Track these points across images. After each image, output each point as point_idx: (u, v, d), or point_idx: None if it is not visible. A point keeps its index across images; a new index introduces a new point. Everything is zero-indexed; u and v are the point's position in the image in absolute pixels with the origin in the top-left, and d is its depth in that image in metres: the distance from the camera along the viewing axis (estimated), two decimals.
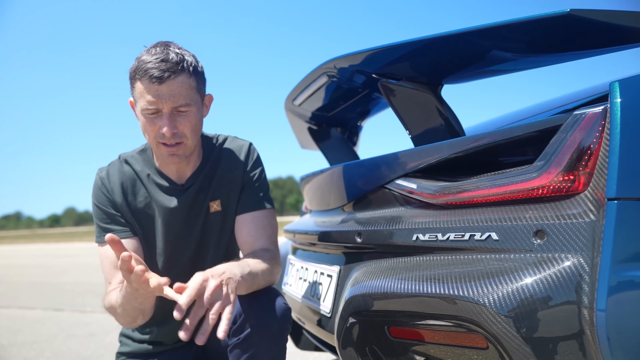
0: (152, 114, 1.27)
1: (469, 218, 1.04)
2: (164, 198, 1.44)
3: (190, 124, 1.31)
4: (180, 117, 1.30)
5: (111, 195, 1.42)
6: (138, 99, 1.28)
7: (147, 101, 1.25)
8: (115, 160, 1.49)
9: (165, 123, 1.27)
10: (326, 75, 1.61)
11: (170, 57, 1.25)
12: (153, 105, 1.25)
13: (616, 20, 1.00)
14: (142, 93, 1.26)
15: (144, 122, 1.29)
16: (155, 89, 1.24)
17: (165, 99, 1.25)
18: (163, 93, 1.25)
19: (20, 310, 5.18)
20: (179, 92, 1.27)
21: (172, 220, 1.44)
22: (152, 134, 1.30)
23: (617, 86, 0.88)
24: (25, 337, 3.86)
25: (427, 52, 1.28)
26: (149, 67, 1.24)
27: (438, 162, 1.19)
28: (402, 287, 1.06)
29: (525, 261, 0.91)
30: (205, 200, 1.47)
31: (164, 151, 1.33)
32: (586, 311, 0.82)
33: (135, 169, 1.46)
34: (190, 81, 1.30)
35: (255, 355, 1.23)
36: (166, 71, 1.24)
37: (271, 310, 1.25)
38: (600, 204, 0.85)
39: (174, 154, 1.33)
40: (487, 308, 0.89)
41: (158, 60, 1.24)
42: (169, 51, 1.27)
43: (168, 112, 1.27)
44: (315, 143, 2.20)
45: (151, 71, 1.23)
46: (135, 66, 1.27)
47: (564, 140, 0.92)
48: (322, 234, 1.53)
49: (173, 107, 1.27)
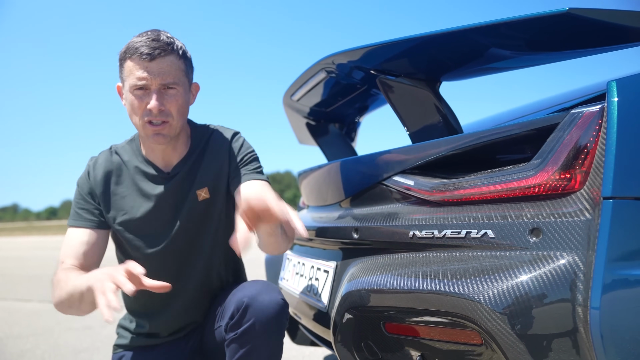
0: (140, 89, 1.31)
1: (466, 215, 1.05)
2: (149, 186, 1.45)
3: (177, 103, 1.35)
4: (167, 96, 1.33)
5: (93, 183, 1.45)
6: (127, 77, 1.32)
7: (136, 77, 1.30)
8: (105, 150, 1.52)
9: (154, 98, 1.30)
10: (325, 71, 1.61)
11: (161, 38, 1.32)
12: (142, 81, 1.30)
13: (614, 20, 1.01)
14: (131, 70, 1.31)
15: (132, 101, 1.33)
16: (145, 65, 1.29)
17: (155, 75, 1.30)
18: (153, 69, 1.30)
19: (17, 303, 5.19)
20: (168, 71, 1.32)
21: (157, 208, 1.44)
22: (139, 112, 1.33)
23: (615, 85, 0.88)
24: (22, 329, 3.86)
25: (426, 49, 1.28)
26: (139, 45, 1.29)
27: (435, 159, 1.19)
28: (398, 283, 1.06)
29: (521, 259, 0.92)
30: (192, 189, 1.47)
31: (150, 130, 1.34)
32: (580, 309, 0.83)
33: (123, 158, 1.48)
34: (179, 63, 1.35)
35: (252, 351, 1.24)
36: (157, 49, 1.29)
37: (268, 305, 1.25)
38: (596, 203, 0.86)
39: (159, 132, 1.35)
40: (482, 305, 0.90)
41: (149, 40, 1.30)
42: (159, 33, 1.33)
43: (156, 89, 1.31)
44: (314, 138, 2.20)
45: (142, 48, 1.29)
46: (126, 47, 1.32)
47: (561, 138, 0.93)
48: (319, 229, 1.54)
49: (161, 84, 1.31)
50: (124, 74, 1.34)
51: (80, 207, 1.43)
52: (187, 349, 1.53)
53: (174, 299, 1.49)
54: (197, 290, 1.51)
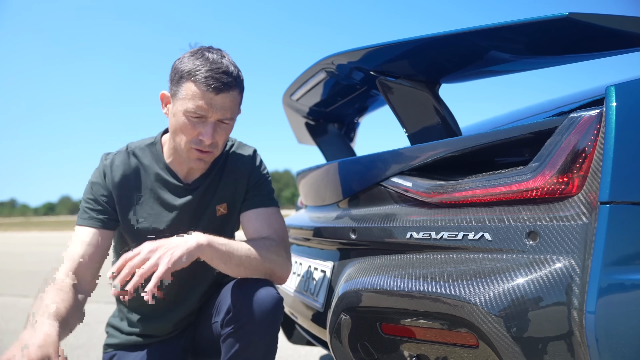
0: (196, 117, 1.28)
1: (463, 217, 1.05)
2: (169, 196, 1.44)
3: (226, 135, 1.35)
4: (220, 129, 1.32)
5: (110, 185, 1.41)
6: (185, 100, 1.27)
7: (197, 106, 1.26)
8: (122, 150, 1.48)
9: (209, 132, 1.29)
10: (324, 71, 1.61)
11: (230, 70, 1.28)
12: (202, 112, 1.27)
13: (614, 25, 1.01)
14: (193, 96, 1.26)
15: (184, 123, 1.29)
16: (209, 97, 1.26)
17: (217, 109, 1.28)
18: (216, 103, 1.27)
19: (14, 298, 5.17)
20: (229, 106, 1.30)
21: (175, 218, 1.44)
22: (188, 137, 1.31)
23: (613, 90, 0.89)
24: (18, 325, 3.85)
25: (426, 51, 1.28)
26: (209, 75, 1.25)
27: (434, 160, 1.19)
28: (395, 285, 1.07)
29: (517, 262, 0.92)
30: (211, 203, 1.48)
31: (195, 155, 1.34)
32: (576, 313, 0.83)
33: (143, 162, 1.45)
34: (239, 98, 1.34)
35: (248, 345, 1.24)
36: (225, 84, 1.26)
37: (263, 300, 1.26)
38: (593, 207, 0.86)
39: (202, 159, 1.35)
40: (478, 307, 0.90)
41: (220, 71, 1.26)
42: (228, 63, 1.29)
43: (213, 122, 1.30)
44: (313, 138, 2.20)
45: (211, 80, 1.25)
46: (191, 67, 1.26)
47: (559, 142, 0.93)
48: (317, 229, 1.54)
49: (219, 119, 1.30)
50: (180, 92, 1.28)
51: (90, 207, 1.40)
52: (179, 347, 1.53)
53: (174, 309, 1.50)
54: (198, 301, 1.52)
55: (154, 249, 1.14)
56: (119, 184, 1.42)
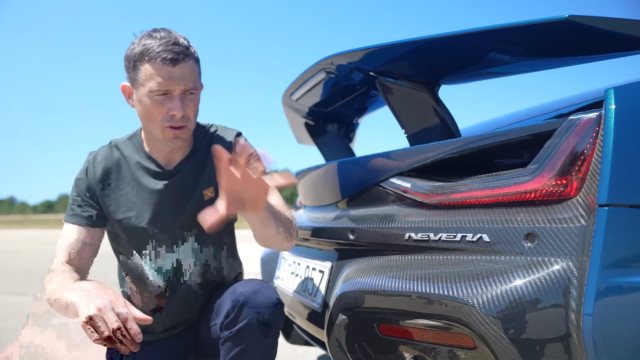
0: (161, 95, 1.29)
1: (462, 219, 1.05)
2: (150, 182, 1.44)
3: (195, 108, 1.35)
4: (187, 101, 1.32)
5: (92, 179, 1.43)
6: (145, 81, 1.28)
7: (158, 82, 1.27)
8: (105, 145, 1.50)
9: (177, 105, 1.29)
10: (324, 71, 1.62)
11: (180, 42, 1.29)
12: (165, 87, 1.27)
13: (614, 28, 1.01)
14: (152, 75, 1.27)
15: (149, 105, 1.30)
16: (168, 71, 1.26)
17: (178, 80, 1.28)
18: (176, 75, 1.27)
19: (12, 296, 5.17)
20: (189, 76, 1.30)
21: (157, 203, 1.43)
22: (158, 117, 1.31)
23: (612, 93, 0.89)
24: (16, 323, 3.85)
25: (426, 52, 1.29)
26: (161, 49, 1.26)
27: (433, 162, 1.19)
28: (393, 286, 1.07)
29: (516, 264, 0.92)
30: (197, 187, 1.47)
31: (170, 134, 1.34)
32: (573, 315, 0.83)
33: (124, 154, 1.47)
34: (196, 67, 1.34)
35: (247, 350, 1.24)
36: (180, 54, 1.27)
37: (264, 305, 1.25)
38: (591, 210, 0.86)
39: (178, 136, 1.35)
40: (476, 309, 0.90)
41: (170, 43, 1.27)
42: (176, 36, 1.30)
43: (178, 94, 1.30)
44: (312, 138, 2.20)
45: (164, 53, 1.25)
46: (141, 49, 1.27)
47: (557, 144, 0.93)
48: (315, 229, 1.54)
49: (184, 90, 1.30)
50: (139, 77, 1.29)
51: (76, 204, 1.41)
52: (181, 346, 1.53)
53: (170, 297, 1.49)
54: (190, 290, 1.51)
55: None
56: (101, 178, 1.43)
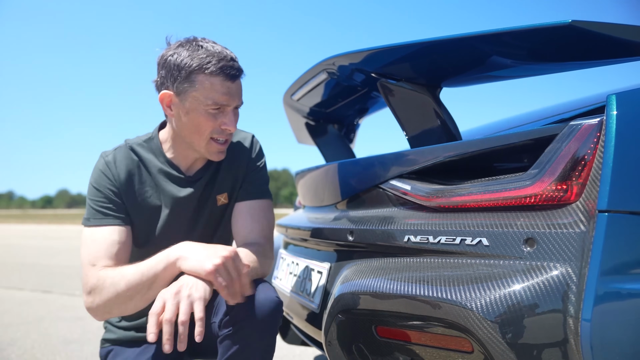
0: (216, 109, 1.30)
1: (461, 222, 1.05)
2: (172, 188, 1.43)
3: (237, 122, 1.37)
4: (235, 116, 1.35)
5: (116, 181, 1.38)
6: (201, 94, 1.27)
7: (216, 97, 1.27)
8: (121, 145, 1.46)
9: (231, 119, 1.32)
10: (326, 72, 1.61)
11: (235, 57, 1.32)
12: (223, 102, 1.29)
13: (617, 34, 1.01)
14: (211, 88, 1.27)
15: (204, 118, 1.30)
16: (227, 86, 1.28)
17: (234, 96, 1.31)
18: (233, 91, 1.30)
19: (8, 291, 5.17)
20: (241, 92, 1.34)
21: (179, 210, 1.43)
22: (208, 129, 1.32)
23: (614, 99, 0.89)
24: (13, 318, 3.85)
25: (428, 55, 1.28)
26: (223, 64, 1.26)
27: (433, 164, 1.19)
28: (391, 288, 1.07)
29: (514, 268, 0.92)
30: (212, 193, 1.48)
31: (215, 148, 1.36)
32: (571, 320, 0.83)
33: (142, 157, 1.44)
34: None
35: (245, 347, 1.24)
36: (238, 70, 1.30)
37: (262, 303, 1.25)
38: (591, 215, 0.86)
39: (222, 151, 1.38)
40: (474, 312, 0.90)
41: (229, 58, 1.29)
42: (228, 51, 1.32)
43: (232, 110, 1.33)
44: (312, 139, 2.20)
45: (227, 69, 1.27)
46: (200, 61, 1.26)
47: (558, 149, 0.93)
48: (315, 230, 1.54)
49: (237, 105, 1.34)
50: (192, 88, 1.27)
51: (102, 204, 1.35)
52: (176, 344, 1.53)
53: None
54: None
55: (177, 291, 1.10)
56: (125, 180, 1.39)
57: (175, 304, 1.07)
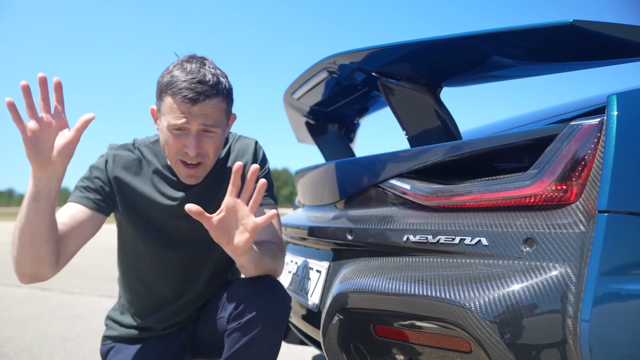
0: (178, 130, 1.27)
1: (460, 222, 1.04)
2: (168, 190, 1.44)
3: (214, 145, 1.32)
4: (205, 138, 1.30)
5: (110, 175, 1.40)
6: (165, 114, 1.27)
7: (175, 117, 1.25)
8: (129, 144, 1.48)
9: (192, 143, 1.27)
10: (326, 70, 1.61)
11: (207, 79, 1.25)
12: (182, 124, 1.26)
13: (618, 34, 1.01)
14: (171, 109, 1.25)
15: (168, 137, 1.29)
16: (186, 108, 1.24)
17: (195, 118, 1.26)
18: (194, 113, 1.25)
19: (7, 288, 5.17)
20: (209, 114, 1.27)
21: (174, 212, 1.43)
22: (173, 150, 1.30)
23: (615, 99, 0.88)
24: (11, 315, 3.85)
25: (428, 54, 1.28)
26: (184, 86, 1.23)
27: (433, 164, 1.19)
28: (390, 287, 1.06)
29: (514, 268, 0.92)
30: (216, 199, 1.46)
31: (183, 171, 1.33)
32: (570, 321, 0.83)
33: (145, 157, 1.46)
34: (222, 104, 1.31)
35: (254, 341, 1.24)
36: (201, 94, 1.24)
37: (274, 297, 1.26)
38: (591, 216, 0.86)
39: (192, 175, 1.34)
40: (473, 312, 0.90)
41: (195, 81, 1.24)
42: (205, 71, 1.27)
43: (195, 132, 1.28)
44: (312, 138, 2.20)
45: (185, 91, 1.23)
46: (168, 81, 1.26)
47: (559, 150, 0.93)
48: (314, 229, 1.54)
49: (201, 127, 1.28)
50: (162, 107, 1.28)
51: (86, 187, 1.37)
52: (177, 343, 1.53)
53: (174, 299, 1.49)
54: (198, 293, 1.52)
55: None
56: (120, 174, 1.41)
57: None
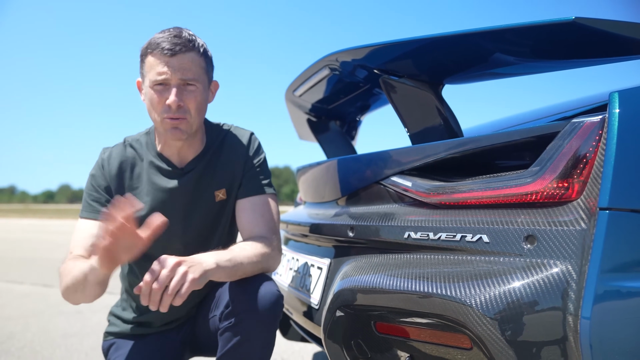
0: (160, 84, 1.31)
1: (462, 219, 1.04)
2: (162, 180, 1.44)
3: (196, 100, 1.35)
4: (186, 92, 1.34)
5: (107, 177, 1.43)
6: (147, 73, 1.32)
7: (156, 72, 1.30)
8: (119, 143, 1.51)
9: (173, 93, 1.31)
10: (328, 67, 1.61)
11: (182, 35, 1.32)
12: (162, 76, 1.30)
13: (620, 31, 1.00)
14: (152, 65, 1.31)
15: (151, 96, 1.33)
16: (165, 60, 1.30)
17: (175, 70, 1.30)
18: (173, 64, 1.30)
19: (9, 284, 5.18)
20: (188, 67, 1.32)
21: (169, 202, 1.44)
22: (158, 108, 1.33)
23: (617, 97, 0.88)
24: (12, 311, 3.86)
25: (431, 51, 1.28)
26: (161, 41, 1.30)
27: (434, 161, 1.19)
28: (391, 284, 1.06)
29: (514, 265, 0.92)
30: (209, 188, 1.48)
31: (169, 124, 1.34)
32: (571, 318, 0.83)
33: (138, 152, 1.48)
34: (200, 60, 1.36)
35: (246, 340, 1.24)
36: (178, 44, 1.30)
37: (263, 296, 1.26)
38: (592, 213, 0.86)
39: (176, 127, 1.35)
40: (474, 309, 0.90)
41: (171, 36, 1.31)
42: (181, 30, 1.34)
43: (176, 84, 1.32)
44: (314, 135, 2.20)
45: (163, 44, 1.29)
46: (147, 43, 1.33)
47: (560, 147, 0.93)
48: (315, 226, 1.54)
49: (181, 79, 1.32)
50: (144, 70, 1.34)
51: (92, 198, 1.42)
52: (178, 339, 1.54)
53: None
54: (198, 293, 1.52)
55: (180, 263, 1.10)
56: (116, 175, 1.44)
57: (169, 276, 1.07)
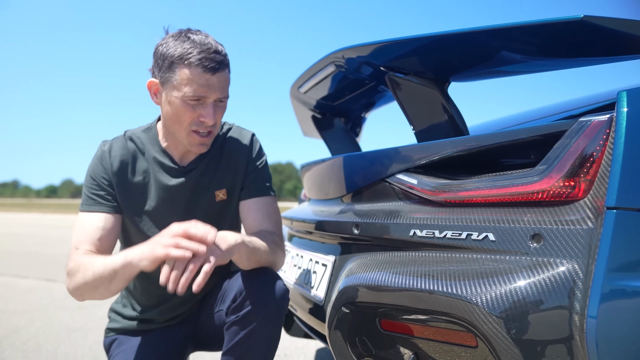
0: (195, 100, 1.29)
1: (468, 217, 1.04)
2: (164, 177, 1.44)
3: (223, 114, 1.38)
4: (217, 109, 1.34)
5: (109, 170, 1.42)
6: (181, 85, 1.28)
7: (194, 89, 1.27)
8: (120, 136, 1.49)
9: (210, 113, 1.31)
10: (334, 64, 1.61)
11: (220, 49, 1.30)
12: (202, 94, 1.28)
13: (629, 30, 1.00)
14: (189, 79, 1.27)
15: (182, 108, 1.30)
16: (206, 78, 1.27)
17: (215, 88, 1.29)
18: (214, 83, 1.29)
19: (13, 279, 5.20)
20: (225, 85, 1.33)
21: (170, 200, 1.44)
22: (187, 121, 1.32)
23: (625, 95, 0.88)
24: (17, 305, 3.88)
25: (437, 49, 1.28)
26: (203, 56, 1.26)
27: (440, 159, 1.19)
28: (396, 281, 1.07)
29: (521, 264, 0.92)
30: (210, 188, 1.48)
31: (196, 140, 1.35)
32: (577, 317, 0.83)
33: (139, 147, 1.47)
34: (229, 76, 1.36)
35: (252, 334, 1.25)
36: (220, 63, 1.29)
37: (270, 290, 1.27)
38: (599, 212, 0.86)
39: (204, 144, 1.37)
40: (480, 307, 0.90)
41: (211, 51, 1.27)
42: (214, 42, 1.31)
43: (212, 102, 1.31)
44: (318, 132, 2.20)
45: (206, 61, 1.26)
46: (182, 52, 1.26)
47: (567, 146, 0.93)
48: (320, 223, 1.54)
49: (218, 98, 1.32)
50: (174, 79, 1.28)
51: (93, 192, 1.40)
52: (180, 335, 1.54)
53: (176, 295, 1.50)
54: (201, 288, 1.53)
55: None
56: (118, 169, 1.42)
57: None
